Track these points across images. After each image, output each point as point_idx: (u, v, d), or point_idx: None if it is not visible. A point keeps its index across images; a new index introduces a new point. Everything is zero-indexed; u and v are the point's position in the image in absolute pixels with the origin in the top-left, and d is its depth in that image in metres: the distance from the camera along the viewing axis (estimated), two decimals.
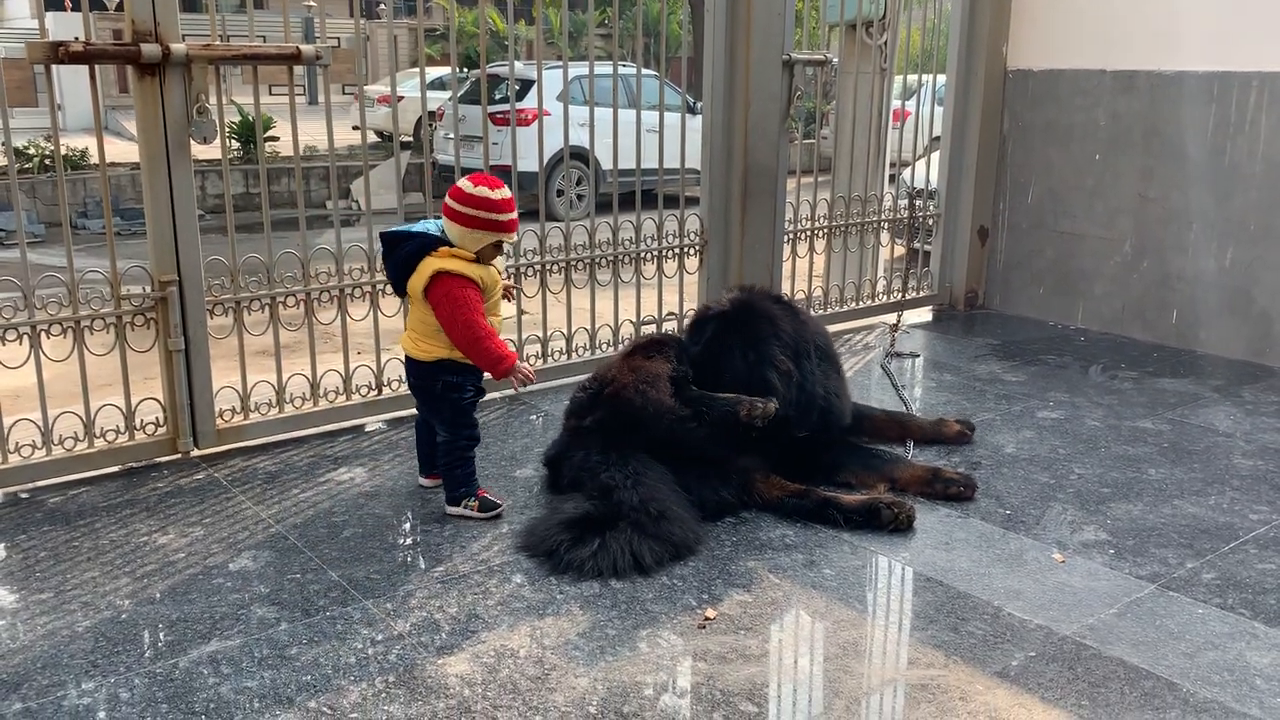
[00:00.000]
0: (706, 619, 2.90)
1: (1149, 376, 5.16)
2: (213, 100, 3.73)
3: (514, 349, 3.42)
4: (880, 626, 2.90)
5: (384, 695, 2.54)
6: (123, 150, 14.49)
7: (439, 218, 3.36)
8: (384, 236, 3.39)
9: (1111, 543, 3.38)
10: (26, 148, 13.62)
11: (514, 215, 3.32)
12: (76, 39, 3.49)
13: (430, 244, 3.27)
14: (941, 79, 6.41)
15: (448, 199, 3.29)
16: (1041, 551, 3.32)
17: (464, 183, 3.28)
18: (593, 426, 3.55)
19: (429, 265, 3.24)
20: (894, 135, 6.51)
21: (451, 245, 3.27)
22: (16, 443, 3.69)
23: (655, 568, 3.11)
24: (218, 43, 3.75)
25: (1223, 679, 2.65)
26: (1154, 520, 3.55)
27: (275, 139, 14.60)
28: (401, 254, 3.29)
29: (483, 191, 3.24)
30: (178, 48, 3.60)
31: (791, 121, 5.33)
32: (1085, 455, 4.11)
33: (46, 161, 13.35)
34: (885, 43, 6.15)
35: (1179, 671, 2.67)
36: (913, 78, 6.42)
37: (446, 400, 3.40)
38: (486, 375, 3.42)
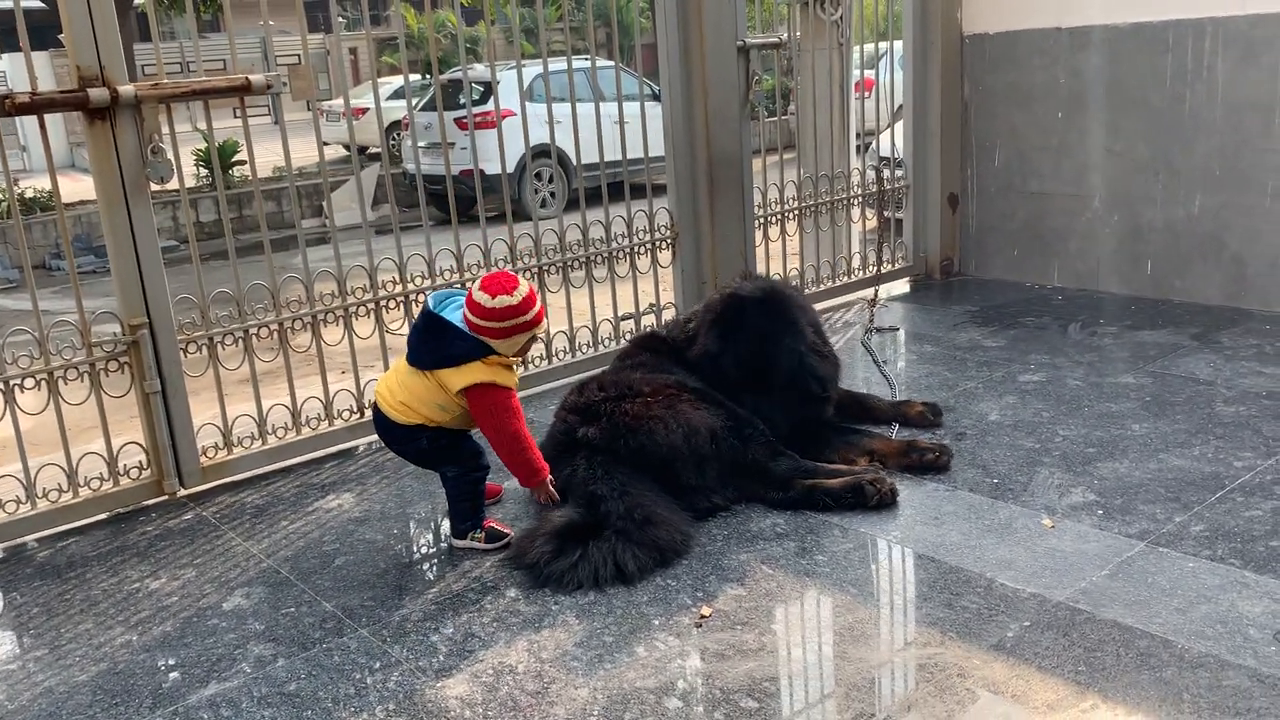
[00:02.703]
0: (702, 617, 2.90)
1: (1128, 330, 5.18)
2: (168, 132, 3.71)
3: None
4: (875, 609, 2.92)
5: None
6: (93, 186, 14.43)
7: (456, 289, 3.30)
8: (429, 315, 3.23)
9: (1099, 503, 3.40)
10: None
11: (539, 306, 3.26)
12: (23, 91, 3.47)
13: (482, 351, 3.19)
14: (900, 45, 6.40)
15: (472, 317, 3.17)
16: (1030, 518, 3.33)
17: (482, 297, 3.15)
18: (586, 439, 3.50)
19: (478, 372, 3.17)
20: (863, 105, 6.50)
21: (496, 353, 3.21)
22: (0, 499, 3.67)
23: (639, 575, 3.09)
24: (166, 80, 3.72)
25: (1216, 632, 2.66)
26: (1140, 476, 3.57)
27: (242, 163, 14.52)
28: (458, 350, 3.18)
29: (504, 301, 3.15)
30: (126, 90, 3.58)
31: (752, 106, 5.32)
32: (1069, 416, 4.13)
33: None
34: (840, 18, 6.13)
35: (1173, 628, 2.69)
36: (873, 47, 6.41)
37: (437, 448, 3.33)
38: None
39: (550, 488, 3.36)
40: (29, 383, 3.66)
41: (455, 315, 3.23)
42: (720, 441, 3.49)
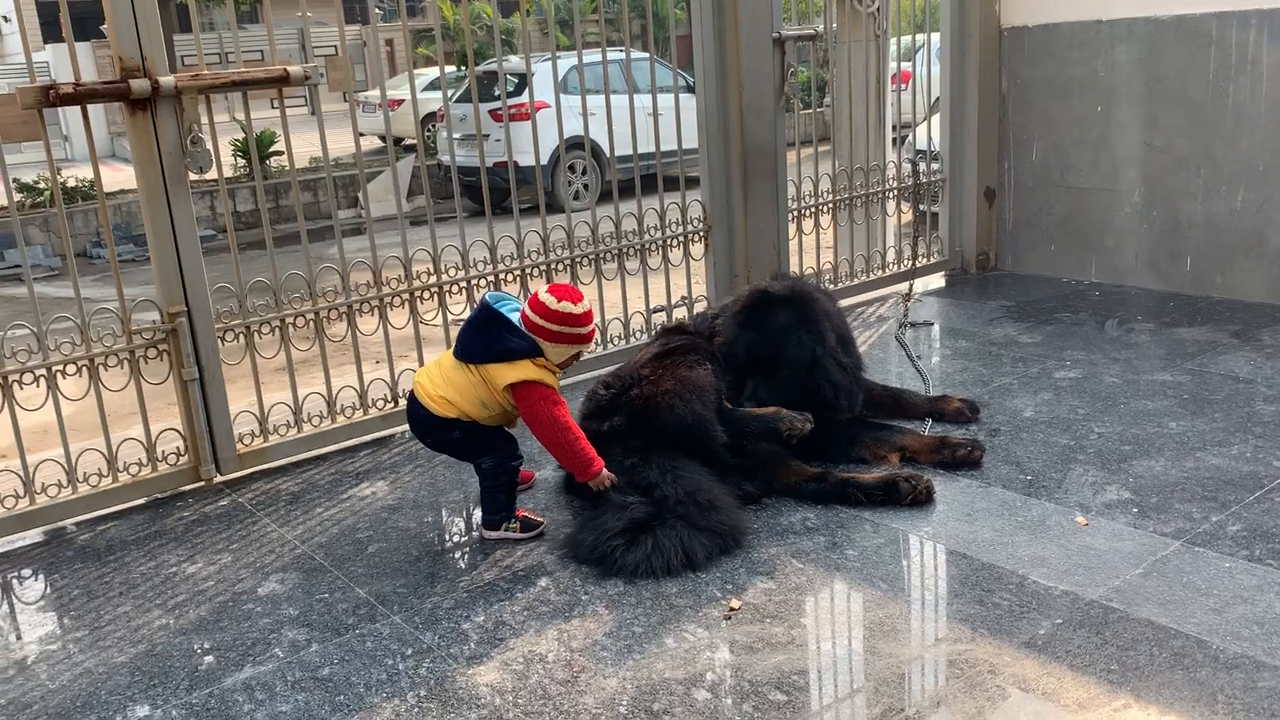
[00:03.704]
0: (732, 609, 2.91)
1: (1165, 327, 5.12)
2: (207, 122, 3.77)
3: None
4: (906, 604, 2.91)
5: (417, 710, 2.57)
6: (132, 176, 14.62)
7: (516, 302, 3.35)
8: (488, 308, 3.27)
9: (1135, 501, 3.36)
10: (36, 182, 13.73)
11: (593, 325, 3.32)
12: (66, 82, 3.52)
13: (534, 353, 3.23)
14: (938, 37, 6.35)
15: (530, 313, 3.24)
16: (1064, 515, 3.30)
17: (546, 297, 3.23)
18: (613, 431, 3.53)
19: (528, 370, 3.21)
20: (899, 98, 6.46)
21: (544, 356, 3.25)
22: (43, 483, 3.74)
23: (706, 562, 3.11)
24: (206, 71, 3.77)
25: (1252, 633, 2.63)
26: (1177, 475, 3.53)
27: (280, 153, 14.63)
28: (510, 345, 3.22)
29: (566, 307, 3.22)
30: (166, 81, 3.62)
31: (787, 99, 5.30)
32: (1104, 413, 4.08)
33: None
34: (877, 9, 6.10)
35: (1208, 628, 2.66)
36: (910, 39, 6.36)
37: (470, 439, 3.35)
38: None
39: (608, 478, 3.34)
40: (70, 369, 3.73)
41: (513, 316, 3.26)
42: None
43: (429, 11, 33.85)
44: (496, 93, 11.89)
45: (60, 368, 3.70)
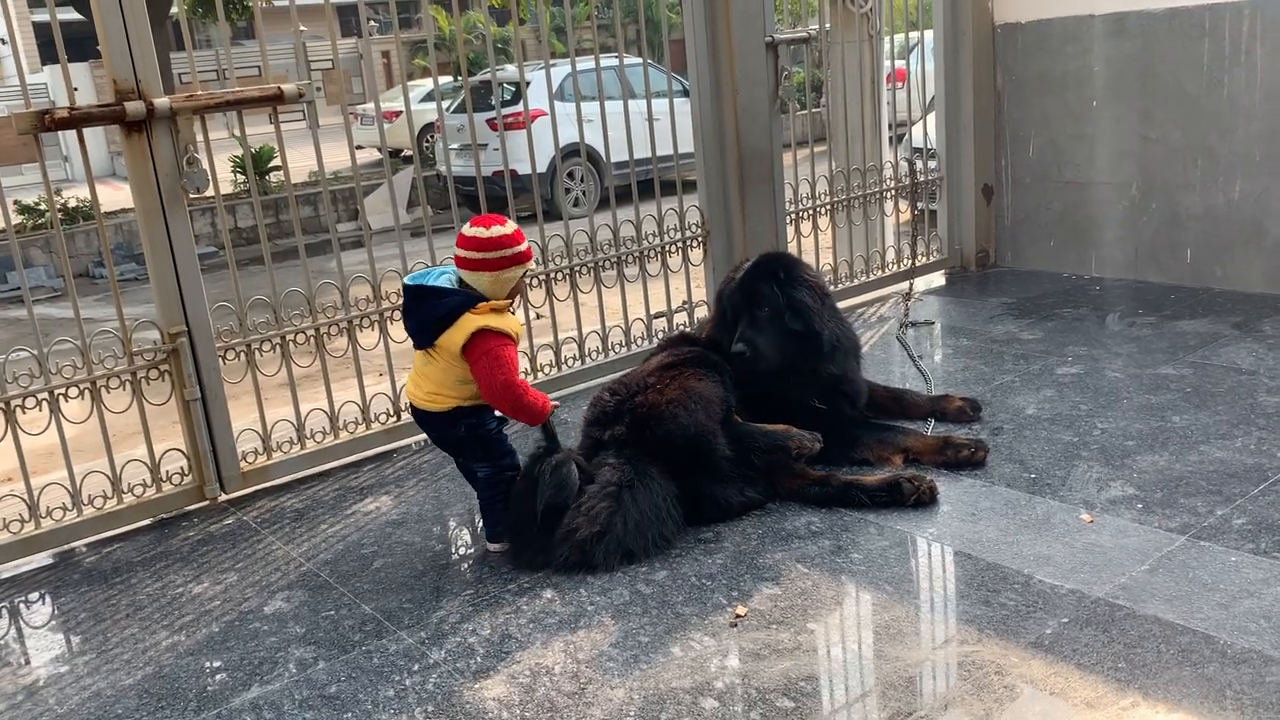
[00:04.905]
0: (737, 616, 2.90)
1: (1167, 320, 5.11)
2: (203, 140, 3.78)
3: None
4: (911, 607, 2.90)
5: None
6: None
7: (447, 263, 3.34)
8: (408, 289, 3.27)
9: (1139, 497, 3.36)
10: (37, 203, 13.76)
11: (528, 242, 3.31)
12: (61, 106, 3.53)
13: (470, 302, 3.20)
14: (931, 35, 6.35)
15: (462, 252, 3.22)
16: (1069, 513, 3.30)
17: (475, 230, 3.22)
18: (614, 439, 3.52)
19: (471, 322, 3.16)
20: (897, 96, 6.46)
21: (485, 299, 3.22)
22: (48, 506, 3.74)
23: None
24: (200, 92, 3.78)
25: (1260, 627, 2.63)
26: (1181, 469, 3.52)
27: (278, 169, 14.66)
28: (443, 308, 3.19)
29: (497, 231, 3.22)
30: (161, 102, 3.63)
31: (782, 102, 5.30)
32: (1107, 409, 4.08)
33: (60, 215, 13.48)
34: (870, 10, 6.10)
35: (1215, 623, 2.66)
36: (904, 37, 6.36)
37: (474, 439, 3.36)
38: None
39: (552, 406, 3.33)
40: (72, 392, 3.73)
41: (439, 282, 3.26)
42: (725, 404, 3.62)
43: (424, 23, 33.93)
44: (492, 102, 11.89)
45: (62, 391, 3.71)
